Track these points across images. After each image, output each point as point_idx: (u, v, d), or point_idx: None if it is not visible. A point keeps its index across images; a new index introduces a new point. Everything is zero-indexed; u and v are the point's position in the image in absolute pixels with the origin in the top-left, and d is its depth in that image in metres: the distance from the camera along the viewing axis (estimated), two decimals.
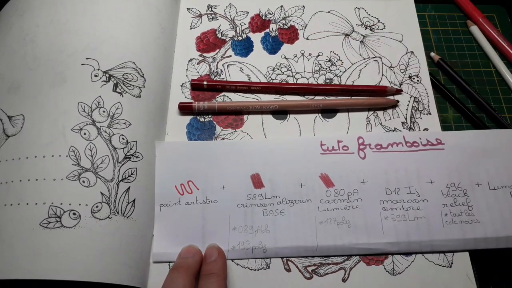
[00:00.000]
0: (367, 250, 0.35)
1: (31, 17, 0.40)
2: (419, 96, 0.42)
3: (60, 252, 0.31)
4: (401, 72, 0.44)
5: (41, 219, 0.32)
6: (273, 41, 0.46)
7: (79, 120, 0.35)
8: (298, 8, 0.48)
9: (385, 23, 0.47)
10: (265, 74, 0.43)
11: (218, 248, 0.34)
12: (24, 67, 0.38)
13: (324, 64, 0.44)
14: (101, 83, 0.37)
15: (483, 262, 0.36)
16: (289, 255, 0.35)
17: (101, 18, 0.40)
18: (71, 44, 0.38)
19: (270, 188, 0.37)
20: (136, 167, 0.36)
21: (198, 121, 0.41)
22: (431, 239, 0.35)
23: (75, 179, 0.33)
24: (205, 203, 0.37)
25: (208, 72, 0.43)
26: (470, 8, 0.50)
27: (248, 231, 0.36)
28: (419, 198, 0.37)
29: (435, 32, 0.49)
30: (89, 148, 0.35)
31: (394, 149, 0.39)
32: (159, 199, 0.37)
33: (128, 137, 0.36)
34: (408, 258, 0.36)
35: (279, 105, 0.41)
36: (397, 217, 0.36)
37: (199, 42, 0.45)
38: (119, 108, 0.37)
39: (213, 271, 0.32)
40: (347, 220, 0.36)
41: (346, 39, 0.46)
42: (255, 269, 0.35)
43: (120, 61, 0.39)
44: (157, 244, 0.35)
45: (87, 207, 0.33)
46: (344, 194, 0.37)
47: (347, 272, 0.35)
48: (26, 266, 0.30)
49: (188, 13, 0.47)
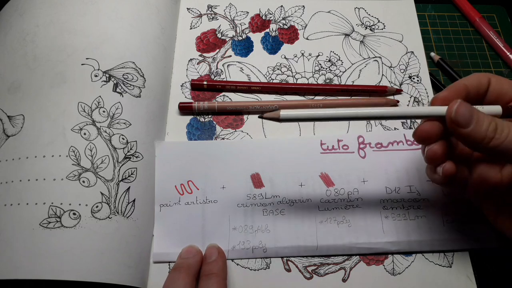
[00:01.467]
0: (367, 250, 0.35)
1: (31, 17, 0.40)
2: (419, 96, 0.42)
3: (60, 252, 0.31)
4: (401, 72, 0.44)
5: (41, 219, 0.32)
6: (273, 41, 0.46)
7: (79, 120, 0.35)
8: (298, 8, 0.48)
9: (385, 23, 0.47)
10: (265, 74, 0.43)
11: (218, 248, 0.34)
12: (24, 67, 0.38)
13: (324, 64, 0.44)
14: (101, 83, 0.37)
15: (483, 262, 0.36)
16: (290, 254, 0.35)
17: (101, 18, 0.40)
18: (71, 44, 0.38)
19: (270, 188, 0.37)
20: (136, 167, 0.36)
21: (198, 121, 0.41)
22: (431, 238, 0.35)
23: (75, 179, 0.33)
24: (205, 203, 0.37)
25: (208, 72, 0.43)
26: (467, 8, 0.50)
27: (248, 230, 0.36)
28: (420, 197, 0.37)
29: (435, 32, 0.49)
30: (89, 148, 0.35)
31: (394, 147, 0.39)
32: (159, 199, 0.37)
33: (128, 137, 0.36)
34: (408, 258, 0.36)
35: (279, 105, 0.41)
36: (397, 216, 0.36)
37: (199, 42, 0.45)
38: (119, 108, 0.37)
39: (213, 271, 0.32)
40: (347, 220, 0.36)
41: (346, 39, 0.46)
42: (255, 269, 0.35)
43: (120, 61, 0.39)
44: (157, 244, 0.35)
45: (87, 207, 0.33)
46: (344, 194, 0.37)
47: (347, 272, 0.35)
48: (26, 266, 0.30)
49: (188, 13, 0.47)
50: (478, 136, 0.27)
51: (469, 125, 0.27)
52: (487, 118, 0.27)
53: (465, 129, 0.28)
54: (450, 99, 0.29)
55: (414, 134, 0.30)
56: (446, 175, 0.29)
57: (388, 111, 0.29)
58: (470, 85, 0.31)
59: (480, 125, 0.27)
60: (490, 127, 0.27)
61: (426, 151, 0.30)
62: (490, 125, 0.27)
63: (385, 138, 0.39)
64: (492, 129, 0.27)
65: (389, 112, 0.29)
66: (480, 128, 0.27)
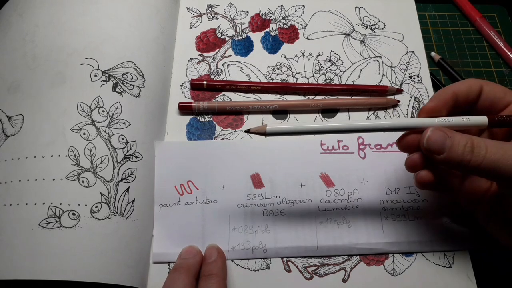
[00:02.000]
0: (367, 250, 0.35)
1: (30, 17, 0.40)
2: (420, 96, 0.42)
3: (60, 252, 0.31)
4: (401, 72, 0.44)
5: (41, 219, 0.32)
6: (273, 40, 0.45)
7: (78, 120, 0.35)
8: (298, 7, 0.48)
9: (386, 23, 0.46)
10: (265, 74, 0.43)
11: (217, 249, 0.34)
12: (23, 67, 0.37)
13: (325, 64, 0.44)
14: (100, 83, 0.37)
15: (483, 262, 0.36)
16: (290, 255, 0.35)
17: (101, 18, 0.40)
18: (70, 44, 0.38)
19: (270, 188, 0.37)
20: (135, 167, 0.36)
21: (198, 121, 0.41)
22: (431, 239, 0.35)
23: (75, 179, 0.33)
24: (205, 203, 0.37)
25: (208, 71, 0.43)
26: (468, 8, 0.50)
27: (248, 231, 0.36)
28: (419, 198, 0.37)
29: (435, 31, 0.49)
30: (89, 148, 0.34)
31: (394, 149, 0.39)
32: (159, 199, 0.37)
33: (128, 137, 0.36)
34: (408, 258, 0.35)
35: (279, 105, 0.41)
36: (397, 217, 0.36)
37: (199, 42, 0.45)
38: (118, 108, 0.37)
39: (213, 272, 0.32)
40: (347, 220, 0.36)
41: (346, 38, 0.46)
42: (255, 269, 0.35)
43: (120, 60, 0.39)
44: (157, 245, 0.35)
45: (87, 207, 0.33)
46: (344, 194, 0.37)
47: (348, 272, 0.35)
48: (26, 266, 0.30)
49: (188, 12, 0.47)
50: (454, 161, 0.28)
51: (443, 152, 0.28)
52: (463, 139, 0.27)
53: (439, 156, 0.28)
54: (436, 110, 0.30)
55: (398, 142, 0.31)
56: (419, 182, 0.31)
57: (369, 123, 0.30)
58: (460, 91, 0.31)
59: (454, 150, 0.27)
60: (466, 149, 0.27)
61: (406, 160, 0.31)
62: (465, 147, 0.27)
63: (384, 139, 0.39)
64: (468, 151, 0.27)
65: (371, 125, 0.30)
66: (454, 152, 0.27)
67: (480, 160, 0.27)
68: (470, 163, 0.27)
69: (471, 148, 0.27)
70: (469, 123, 0.29)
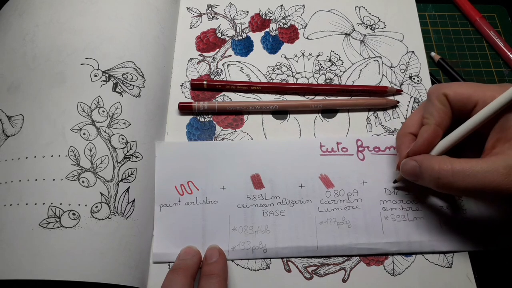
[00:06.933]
0: (367, 250, 0.35)
1: (30, 16, 0.40)
2: (420, 97, 0.42)
3: (60, 252, 0.31)
4: (401, 72, 0.44)
5: (41, 219, 0.32)
6: (273, 40, 0.45)
7: (78, 120, 0.35)
8: (298, 7, 0.48)
9: (386, 23, 0.46)
10: (265, 74, 0.43)
11: (219, 249, 0.34)
12: (23, 67, 0.37)
13: (325, 64, 0.44)
14: (100, 83, 0.37)
15: (483, 262, 0.36)
16: (290, 255, 0.35)
17: (101, 18, 0.40)
18: (70, 44, 0.38)
19: (270, 189, 0.37)
20: (135, 167, 0.36)
21: (198, 121, 0.41)
22: (430, 239, 0.35)
23: (75, 179, 0.33)
24: (205, 203, 0.37)
25: (208, 71, 0.43)
26: (468, 8, 0.50)
27: (248, 231, 0.36)
28: (418, 199, 0.37)
29: (435, 31, 0.49)
30: (89, 148, 0.34)
31: (392, 152, 0.39)
32: (159, 199, 0.37)
33: (128, 137, 0.36)
34: (408, 258, 0.36)
35: (279, 105, 0.41)
36: (397, 217, 0.36)
37: (199, 42, 0.45)
38: (118, 108, 0.37)
39: (214, 272, 0.32)
40: (347, 220, 0.36)
41: (346, 38, 0.46)
42: (255, 269, 0.35)
43: (120, 60, 0.38)
44: (157, 245, 0.35)
45: (87, 207, 0.33)
46: (344, 195, 0.37)
47: (347, 272, 0.35)
48: (26, 266, 0.30)
49: (188, 12, 0.47)
50: (429, 185, 0.31)
51: (418, 179, 0.32)
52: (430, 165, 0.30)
53: (418, 182, 0.32)
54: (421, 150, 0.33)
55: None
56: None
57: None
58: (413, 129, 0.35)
59: (426, 177, 0.31)
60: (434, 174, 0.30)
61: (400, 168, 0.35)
62: (433, 171, 0.30)
63: (383, 143, 0.39)
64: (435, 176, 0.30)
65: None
66: (427, 179, 0.31)
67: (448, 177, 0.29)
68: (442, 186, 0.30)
69: (439, 171, 0.29)
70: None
